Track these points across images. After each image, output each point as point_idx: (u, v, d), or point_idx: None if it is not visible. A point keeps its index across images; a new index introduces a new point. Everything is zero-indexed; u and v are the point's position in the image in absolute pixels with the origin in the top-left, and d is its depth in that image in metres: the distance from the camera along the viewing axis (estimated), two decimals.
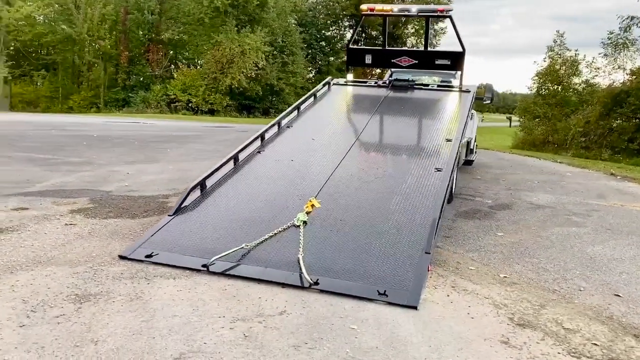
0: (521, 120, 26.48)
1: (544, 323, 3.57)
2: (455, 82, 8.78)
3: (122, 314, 3.31)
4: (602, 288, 4.37)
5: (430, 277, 4.34)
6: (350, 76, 9.35)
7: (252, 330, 3.20)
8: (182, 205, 5.10)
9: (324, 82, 9.04)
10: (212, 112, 38.94)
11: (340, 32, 61.23)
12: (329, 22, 57.04)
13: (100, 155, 10.38)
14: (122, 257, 4.35)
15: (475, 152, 13.02)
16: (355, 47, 9.53)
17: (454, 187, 7.64)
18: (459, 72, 11.04)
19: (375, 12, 8.76)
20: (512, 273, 4.63)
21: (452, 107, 7.82)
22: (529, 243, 5.69)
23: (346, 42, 59.45)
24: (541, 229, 6.37)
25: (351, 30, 61.27)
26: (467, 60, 8.50)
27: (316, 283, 3.91)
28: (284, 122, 7.31)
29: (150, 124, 22.64)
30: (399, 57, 8.92)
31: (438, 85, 8.97)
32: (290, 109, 7.69)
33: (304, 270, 3.97)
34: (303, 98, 8.21)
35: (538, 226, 6.54)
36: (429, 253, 4.28)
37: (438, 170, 5.67)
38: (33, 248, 4.47)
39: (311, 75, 53.19)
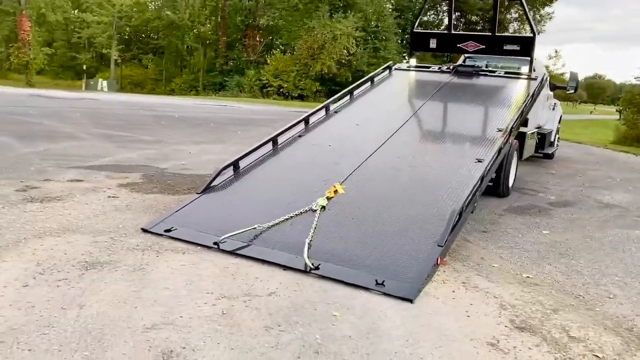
0: (624, 112, 24.32)
1: (548, 329, 3.30)
2: (529, 69, 8.20)
3: (118, 283, 3.48)
4: (637, 297, 3.95)
5: (444, 271, 4.15)
6: (413, 61, 9.07)
7: (233, 308, 3.24)
8: (212, 185, 5.24)
9: (384, 66, 8.87)
10: (301, 98, 39.58)
11: (439, 17, 59.64)
12: (426, 6, 55.66)
13: (172, 134, 10.93)
14: (144, 230, 4.57)
15: (557, 146, 12.22)
16: (419, 31, 9.22)
17: (510, 180, 7.22)
18: (539, 59, 10.43)
19: None
20: (538, 274, 4.31)
21: (514, 95, 7.35)
22: (575, 243, 5.26)
23: (444, 27, 58.03)
24: (597, 230, 5.86)
25: (450, 15, 59.55)
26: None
27: (317, 268, 3.88)
28: (333, 106, 7.27)
29: (236, 107, 23.44)
30: (465, 42, 8.52)
31: (506, 72, 8.46)
32: (340, 93, 7.63)
33: (306, 254, 3.94)
34: (358, 82, 8.10)
35: (595, 226, 6.02)
36: (442, 246, 4.09)
37: (479, 162, 5.38)
38: (70, 217, 4.81)
39: (405, 61, 52.40)
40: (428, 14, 56.81)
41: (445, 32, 8.85)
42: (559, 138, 12.60)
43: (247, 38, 43.37)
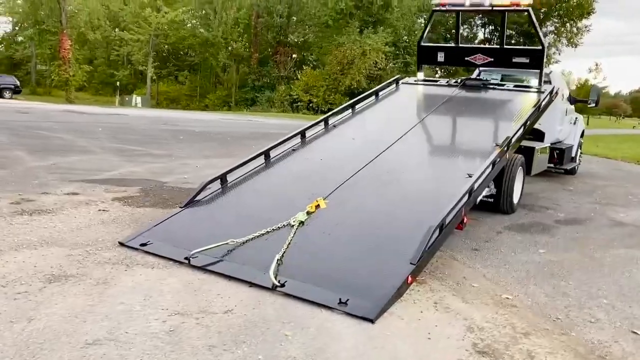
0: None
1: (511, 354, 3.11)
2: (539, 82, 7.95)
3: (76, 297, 3.47)
4: (621, 323, 3.71)
5: (418, 290, 4.01)
6: (420, 75, 8.93)
7: (182, 325, 3.18)
8: (196, 199, 5.23)
9: (391, 80, 8.77)
10: None
11: (473, 30, 59.12)
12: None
13: (185, 148, 11.05)
14: (121, 244, 4.57)
15: (579, 161, 11.81)
16: (426, 44, 9.08)
17: (515, 197, 6.98)
18: (556, 72, 10.15)
19: (447, 7, 8.28)
20: (519, 295, 4.11)
21: (518, 108, 7.12)
22: (571, 263, 5.02)
23: (484, 40, 57.35)
24: (600, 249, 5.58)
25: (483, 29, 58.91)
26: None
27: (282, 285, 3.79)
28: (333, 120, 7.21)
29: (261, 121, 23.64)
30: (473, 55, 8.35)
31: (515, 86, 8.23)
32: (341, 107, 7.57)
33: (272, 270, 3.86)
34: (362, 96, 8.03)
35: (599, 245, 5.74)
36: (414, 264, 3.94)
37: (469, 176, 5.21)
38: (53, 230, 4.86)
39: (437, 75, 51.95)
40: (462, 27, 56.50)
41: (453, 45, 8.69)
42: (581, 153, 12.17)
43: (279, 54, 43.86)
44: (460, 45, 8.56)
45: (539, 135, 9.71)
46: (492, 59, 8.21)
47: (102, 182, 7.11)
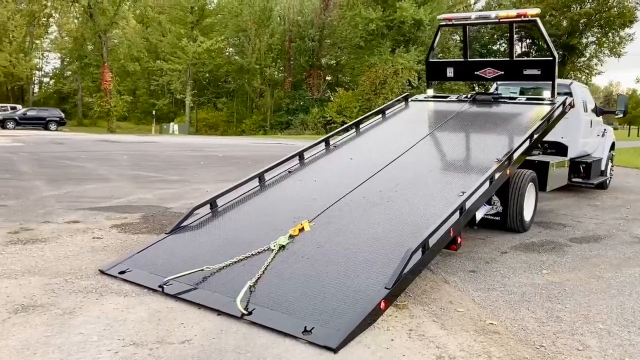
0: None
1: None
2: (552, 94, 7.62)
3: (36, 328, 3.43)
4: (613, 350, 3.39)
5: (396, 316, 3.80)
6: (430, 91, 8.72)
7: (133, 356, 3.09)
8: (182, 225, 5.18)
9: (400, 97, 8.61)
10: None
11: (501, 43, 58.08)
12: (495, 36, 54.47)
13: (201, 174, 11.12)
14: (101, 272, 4.55)
15: (611, 175, 11.26)
16: (434, 60, 8.88)
17: (527, 214, 6.65)
18: (577, 84, 9.75)
19: (453, 22, 8.11)
20: (506, 320, 3.83)
21: (528, 121, 6.81)
22: (573, 285, 4.68)
23: (516, 55, 56.41)
24: (612, 269, 5.21)
25: (520, 43, 57.83)
26: None
27: (250, 313, 3.66)
28: (335, 140, 7.10)
29: (290, 144, 23.70)
30: (483, 69, 8.10)
31: (527, 99, 7.92)
32: (344, 126, 7.46)
33: (239, 298, 3.73)
34: (368, 114, 7.92)
35: (611, 265, 5.36)
36: (388, 289, 3.73)
37: (463, 194, 4.97)
38: (41, 259, 4.89)
39: (474, 91, 51.23)
40: (498, 42, 55.65)
41: (462, 60, 8.46)
42: (612, 166, 11.60)
43: (311, 77, 44.27)
44: (469, 59, 8.32)
45: (562, 149, 9.32)
46: (502, 72, 7.94)
47: (107, 209, 7.18)
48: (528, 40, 55.59)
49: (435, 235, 4.25)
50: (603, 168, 10.68)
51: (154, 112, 48.09)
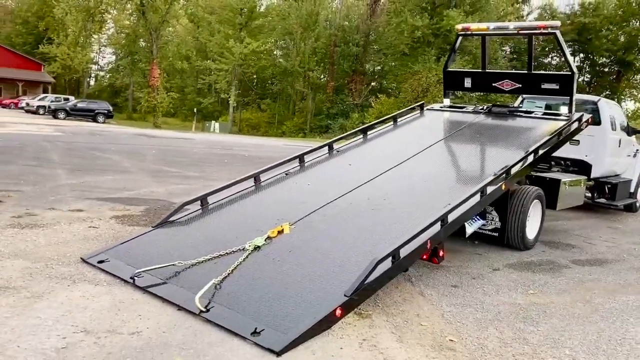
0: None
1: None
2: (569, 109, 7.36)
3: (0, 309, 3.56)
4: None
5: (355, 325, 3.75)
6: (447, 101, 8.58)
7: (79, 343, 3.16)
8: (170, 219, 5.27)
9: (414, 105, 8.52)
10: None
11: (562, 58, 56.42)
12: (547, 48, 53.01)
13: (220, 172, 11.28)
14: (82, 260, 4.68)
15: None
16: (453, 69, 8.72)
17: (530, 232, 6.44)
18: (605, 100, 9.39)
19: (471, 32, 7.95)
20: (468, 337, 3.72)
21: (537, 137, 6.60)
22: (556, 308, 4.50)
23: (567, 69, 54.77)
24: (606, 295, 4.99)
25: (573, 57, 56.07)
26: None
27: (207, 310, 3.69)
28: (339, 145, 7.08)
29: None
30: (501, 81, 7.91)
31: (544, 113, 7.68)
32: (349, 132, 7.44)
33: (198, 295, 3.77)
34: (377, 121, 7.87)
35: (607, 290, 5.13)
36: (347, 297, 3.69)
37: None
38: (32, 243, 5.06)
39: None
40: (549, 55, 54.12)
41: (480, 70, 8.28)
42: None
43: (354, 82, 44.23)
44: (487, 70, 8.14)
45: (586, 168, 8.99)
46: (520, 85, 7.73)
47: (114, 200, 7.38)
48: (581, 55, 53.88)
49: (408, 246, 4.18)
50: (632, 190, 10.22)
51: (195, 110, 49.12)
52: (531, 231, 6.49)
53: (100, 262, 4.57)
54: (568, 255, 6.48)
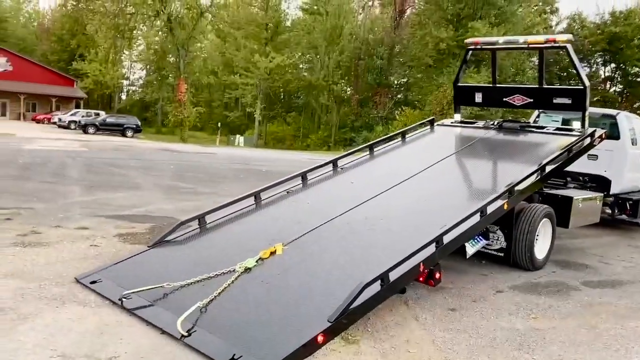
0: None
1: None
2: (582, 124, 7.15)
3: None
4: None
5: (339, 351, 3.66)
6: (457, 116, 8.43)
7: None
8: (166, 239, 5.26)
9: (425, 120, 8.41)
10: None
11: (592, 69, 55.38)
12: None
13: (234, 187, 11.27)
14: (76, 280, 4.70)
15: None
16: (463, 84, 8.57)
17: (539, 252, 6.23)
18: (624, 115, 9.11)
19: (481, 46, 7.81)
20: None
21: (547, 153, 6.40)
22: (556, 334, 4.31)
23: (598, 80, 53.54)
24: (612, 320, 4.76)
25: (604, 67, 54.88)
26: None
27: (189, 335, 3.64)
28: (343, 162, 7.01)
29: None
30: (512, 96, 7.74)
31: (557, 128, 7.47)
32: (355, 149, 7.38)
33: (180, 319, 3.72)
34: (381, 139, 7.77)
35: (615, 315, 4.90)
36: (330, 322, 3.60)
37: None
38: (31, 262, 5.11)
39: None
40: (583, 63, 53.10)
41: (490, 85, 8.12)
42: None
43: (378, 95, 44.12)
44: (498, 85, 7.98)
45: (605, 184, 8.71)
46: (532, 100, 7.55)
47: (121, 217, 7.44)
48: (612, 65, 52.66)
49: (399, 269, 4.07)
50: None
51: (219, 124, 49.69)
52: (540, 251, 6.28)
53: (93, 282, 4.58)
54: (580, 276, 6.24)
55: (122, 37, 46.44)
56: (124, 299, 4.18)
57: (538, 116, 9.52)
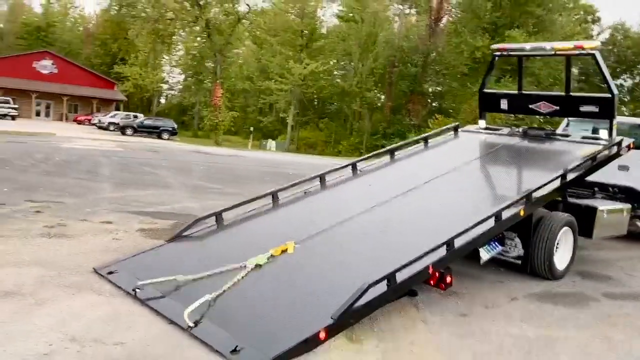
0: None
1: None
2: (609, 133, 7.00)
3: (1, 313, 3.75)
4: None
5: (342, 350, 3.68)
6: (482, 123, 8.35)
7: (62, 351, 3.28)
8: (183, 234, 5.39)
9: (448, 126, 8.37)
10: None
11: (635, 80, 53.95)
12: (617, 69, 50.71)
13: (258, 189, 11.38)
14: (94, 270, 4.86)
15: None
16: (488, 91, 8.47)
17: (559, 261, 6.10)
18: None
19: (507, 52, 7.73)
20: None
21: (569, 161, 6.29)
22: (567, 343, 4.24)
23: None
24: (629, 331, 4.65)
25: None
26: None
27: (195, 326, 3.73)
28: (363, 165, 7.05)
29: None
30: (537, 103, 7.63)
31: (583, 137, 7.32)
32: (373, 153, 7.40)
33: (188, 310, 3.81)
34: (402, 143, 7.79)
35: (633, 327, 4.79)
36: (334, 319, 3.63)
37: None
38: (54, 252, 5.32)
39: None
40: (621, 77, 51.79)
41: (516, 92, 8.02)
42: None
43: (412, 103, 43.97)
44: (524, 92, 7.88)
45: (635, 195, 8.48)
46: (557, 107, 7.42)
47: (146, 214, 7.64)
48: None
49: (406, 270, 4.08)
50: None
51: (251, 128, 50.35)
52: (561, 260, 6.14)
53: (110, 273, 4.73)
54: (601, 287, 6.09)
55: (162, 42, 47.61)
56: (137, 290, 4.30)
57: (567, 125, 9.35)
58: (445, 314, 4.67)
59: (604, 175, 8.28)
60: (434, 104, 48.72)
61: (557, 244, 6.04)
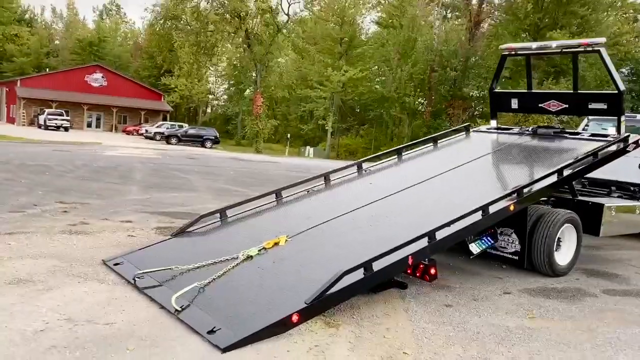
0: None
1: None
2: (617, 130, 6.93)
3: (11, 297, 4.13)
4: None
5: (316, 332, 3.89)
6: (494, 122, 8.38)
7: (56, 328, 3.62)
8: (187, 230, 5.72)
9: (460, 126, 8.45)
10: None
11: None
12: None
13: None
14: (103, 262, 5.24)
15: None
16: (499, 90, 8.48)
17: (561, 258, 6.11)
18: None
19: (515, 52, 7.75)
20: (427, 353, 3.71)
21: (571, 158, 6.28)
22: (548, 333, 4.29)
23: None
24: (616, 325, 4.65)
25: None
26: None
27: (182, 310, 4.02)
28: (369, 165, 7.23)
29: None
30: (547, 101, 7.63)
31: (591, 134, 7.27)
32: (379, 153, 7.52)
33: (175, 296, 4.11)
34: (412, 142, 7.92)
35: (622, 320, 4.78)
36: (307, 304, 3.85)
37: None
38: (69, 247, 5.74)
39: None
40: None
41: (525, 91, 8.03)
42: None
43: (452, 107, 43.49)
44: (533, 91, 7.88)
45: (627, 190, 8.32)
46: (567, 105, 7.41)
47: (165, 214, 8.05)
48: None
49: (384, 259, 4.24)
50: None
51: (289, 135, 50.93)
52: (562, 257, 6.13)
53: (116, 264, 5.10)
54: (604, 284, 6.04)
55: (204, 53, 49.02)
56: (136, 279, 4.64)
57: (587, 124, 9.25)
58: (430, 304, 4.80)
59: (626, 174, 8.17)
60: (477, 109, 48.06)
61: (559, 240, 6.05)
